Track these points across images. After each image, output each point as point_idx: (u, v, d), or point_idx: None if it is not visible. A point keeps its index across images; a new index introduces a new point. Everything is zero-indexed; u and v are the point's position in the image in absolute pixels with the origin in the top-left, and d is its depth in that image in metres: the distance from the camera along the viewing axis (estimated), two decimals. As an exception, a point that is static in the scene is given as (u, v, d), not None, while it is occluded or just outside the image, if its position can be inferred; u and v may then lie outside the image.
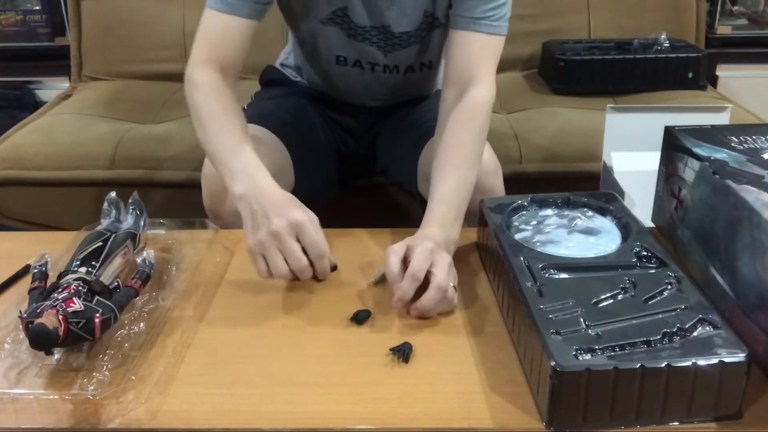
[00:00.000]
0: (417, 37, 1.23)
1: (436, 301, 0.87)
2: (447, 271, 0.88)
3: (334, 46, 1.25)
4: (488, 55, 1.12)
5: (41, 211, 1.77)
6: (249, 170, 0.98)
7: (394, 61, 1.27)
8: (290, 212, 0.91)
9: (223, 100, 1.06)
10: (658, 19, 2.11)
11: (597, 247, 0.92)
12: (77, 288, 0.81)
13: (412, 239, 0.93)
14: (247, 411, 0.75)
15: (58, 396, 0.75)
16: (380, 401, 0.76)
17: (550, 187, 1.07)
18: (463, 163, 1.05)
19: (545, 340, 0.72)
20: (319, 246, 0.91)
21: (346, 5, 1.17)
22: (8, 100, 2.42)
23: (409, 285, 0.87)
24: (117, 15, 2.13)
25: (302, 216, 0.91)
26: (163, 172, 1.68)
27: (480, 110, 1.09)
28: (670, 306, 0.78)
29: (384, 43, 1.23)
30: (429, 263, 0.87)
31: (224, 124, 1.04)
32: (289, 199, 0.95)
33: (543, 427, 0.72)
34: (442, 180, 1.03)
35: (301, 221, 0.90)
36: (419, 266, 0.87)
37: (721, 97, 1.98)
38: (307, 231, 0.90)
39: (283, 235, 0.89)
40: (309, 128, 1.34)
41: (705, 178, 0.91)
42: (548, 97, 1.96)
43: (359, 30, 1.20)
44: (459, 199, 1.01)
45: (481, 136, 1.09)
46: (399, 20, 1.19)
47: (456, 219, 1.00)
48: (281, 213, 0.91)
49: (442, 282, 0.87)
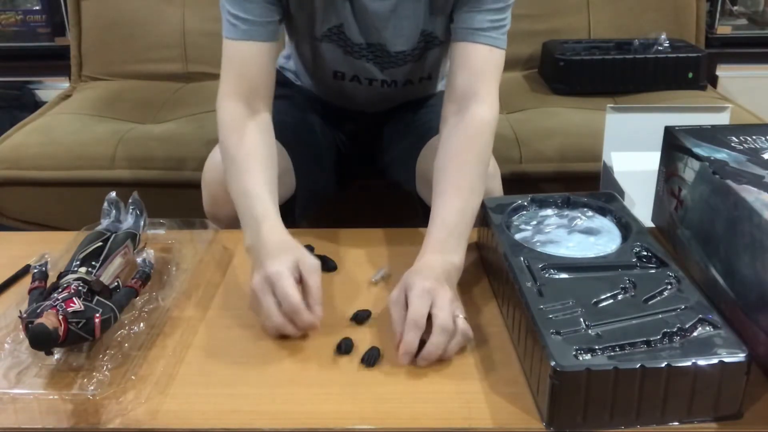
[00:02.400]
0: (413, 56, 1.21)
1: (444, 344, 0.80)
2: (449, 308, 0.81)
3: (331, 62, 1.23)
4: (490, 69, 1.07)
5: (41, 211, 1.77)
6: (257, 219, 0.93)
7: (391, 77, 1.25)
8: (269, 265, 0.84)
9: (243, 140, 1.02)
10: (658, 19, 2.11)
11: (597, 247, 0.92)
12: (77, 288, 0.81)
13: (409, 275, 0.86)
14: (247, 411, 0.75)
15: (58, 396, 0.75)
16: (380, 401, 0.76)
17: (550, 187, 1.08)
18: (466, 188, 0.99)
19: (545, 340, 0.72)
20: (289, 301, 0.82)
21: (341, 23, 1.15)
22: (8, 100, 2.42)
23: (411, 335, 0.80)
24: (117, 15, 2.13)
25: (277, 268, 0.84)
26: (162, 172, 1.68)
27: (483, 130, 1.04)
28: (670, 306, 0.78)
29: (380, 60, 1.21)
30: (428, 304, 0.81)
31: (240, 168, 1.00)
32: (279, 248, 0.88)
33: (543, 427, 0.72)
34: (444, 205, 0.97)
35: (272, 274, 0.84)
36: (418, 312, 0.80)
37: (721, 97, 1.98)
38: (278, 285, 0.83)
39: (257, 292, 0.85)
40: (309, 130, 1.34)
41: (705, 178, 0.91)
42: (548, 97, 1.96)
43: (355, 47, 1.19)
44: (462, 225, 0.95)
45: (484, 158, 1.03)
46: (395, 40, 1.17)
47: (458, 245, 0.93)
48: (261, 267, 0.86)
49: (444, 322, 0.80)
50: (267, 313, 0.84)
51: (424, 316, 0.80)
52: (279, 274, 0.83)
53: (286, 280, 0.83)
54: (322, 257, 1.03)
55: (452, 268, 0.90)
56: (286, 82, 1.42)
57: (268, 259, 0.85)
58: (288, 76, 1.42)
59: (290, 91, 1.39)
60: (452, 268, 0.90)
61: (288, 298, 0.82)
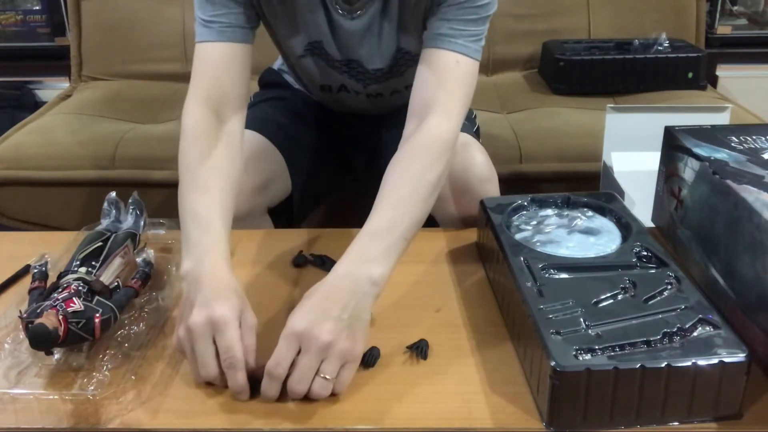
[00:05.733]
0: (392, 73, 1.20)
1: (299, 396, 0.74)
2: (309, 365, 0.73)
3: (316, 75, 1.23)
4: (453, 78, 0.98)
5: (41, 211, 1.77)
6: (201, 247, 0.85)
7: (375, 91, 1.24)
8: (217, 308, 0.76)
9: (205, 153, 0.94)
10: (658, 19, 2.11)
11: (597, 247, 0.92)
12: (77, 288, 0.81)
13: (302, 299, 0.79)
14: (247, 411, 0.75)
15: (58, 396, 0.75)
16: (380, 401, 0.76)
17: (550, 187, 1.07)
18: (404, 198, 0.90)
19: (545, 340, 0.72)
20: (232, 355, 0.74)
21: (321, 39, 1.14)
22: (8, 100, 2.42)
23: (266, 385, 0.74)
24: (117, 15, 2.13)
25: (226, 314, 0.76)
26: (163, 172, 1.68)
27: (433, 142, 0.94)
28: (670, 306, 0.78)
29: (361, 76, 1.20)
30: (294, 352, 0.74)
31: (198, 184, 0.92)
32: (225, 290, 0.80)
33: (543, 427, 0.72)
34: (373, 217, 0.87)
35: (219, 320, 0.75)
36: (277, 359, 0.74)
37: (721, 97, 1.98)
38: (224, 334, 0.75)
39: (195, 334, 0.76)
40: (305, 132, 1.34)
41: (705, 178, 0.91)
42: (548, 97, 1.96)
43: (336, 63, 1.18)
44: (391, 237, 0.85)
45: (433, 171, 0.92)
46: (371, 58, 1.16)
47: (382, 257, 0.83)
48: (206, 305, 0.76)
49: (294, 387, 0.74)
50: (203, 360, 0.76)
51: (283, 367, 0.74)
52: (226, 323, 0.75)
53: (233, 331, 0.75)
54: (322, 257, 1.03)
55: (365, 282, 0.80)
56: (284, 84, 1.42)
57: (215, 300, 0.77)
58: (286, 78, 1.42)
59: (287, 92, 1.39)
60: (365, 282, 0.80)
61: (232, 352, 0.74)
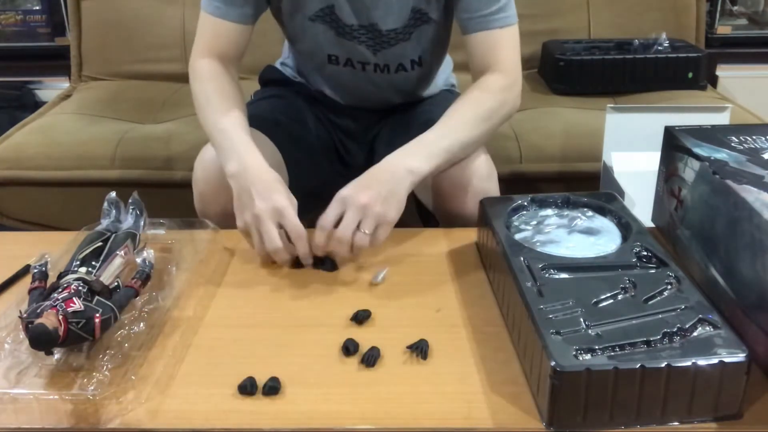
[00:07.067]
0: (405, 33, 1.22)
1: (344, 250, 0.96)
2: (353, 218, 0.95)
3: (324, 45, 1.25)
4: (501, 46, 1.13)
5: (41, 211, 1.77)
6: (239, 149, 1.04)
7: (384, 60, 1.26)
8: (273, 196, 0.97)
9: (220, 84, 1.14)
10: (658, 19, 2.11)
11: (597, 247, 0.92)
12: (77, 288, 0.81)
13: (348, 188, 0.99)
14: (247, 411, 0.75)
15: (58, 396, 0.75)
16: (380, 401, 0.76)
17: (550, 187, 1.08)
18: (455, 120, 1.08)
19: (545, 340, 0.72)
20: (297, 231, 0.96)
21: (333, 4, 1.17)
22: (8, 100, 2.43)
23: (317, 235, 0.97)
24: (117, 15, 2.13)
25: (284, 201, 0.97)
26: (163, 172, 1.68)
27: (489, 88, 1.11)
28: (670, 306, 0.78)
29: (373, 42, 1.22)
30: (339, 212, 0.96)
31: (218, 106, 1.11)
32: (274, 182, 1.00)
33: (543, 427, 0.72)
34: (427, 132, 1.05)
35: (282, 207, 0.96)
36: (326, 218, 0.96)
37: (721, 97, 1.98)
38: (287, 216, 0.96)
39: (264, 219, 0.96)
40: (303, 129, 1.34)
41: (705, 178, 0.91)
42: (548, 97, 1.96)
43: (347, 28, 1.20)
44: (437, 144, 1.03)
45: (485, 108, 1.10)
46: (386, 18, 1.19)
47: (424, 155, 1.01)
48: (265, 196, 0.97)
49: (340, 234, 0.95)
50: (269, 236, 0.96)
51: (330, 221, 0.96)
52: (287, 208, 0.97)
53: (294, 214, 0.97)
54: (323, 257, 1.03)
55: (402, 169, 0.99)
56: (283, 81, 1.42)
57: (272, 191, 0.98)
58: (288, 73, 1.42)
59: (286, 90, 1.39)
60: (402, 169, 0.99)
61: (298, 228, 0.96)
